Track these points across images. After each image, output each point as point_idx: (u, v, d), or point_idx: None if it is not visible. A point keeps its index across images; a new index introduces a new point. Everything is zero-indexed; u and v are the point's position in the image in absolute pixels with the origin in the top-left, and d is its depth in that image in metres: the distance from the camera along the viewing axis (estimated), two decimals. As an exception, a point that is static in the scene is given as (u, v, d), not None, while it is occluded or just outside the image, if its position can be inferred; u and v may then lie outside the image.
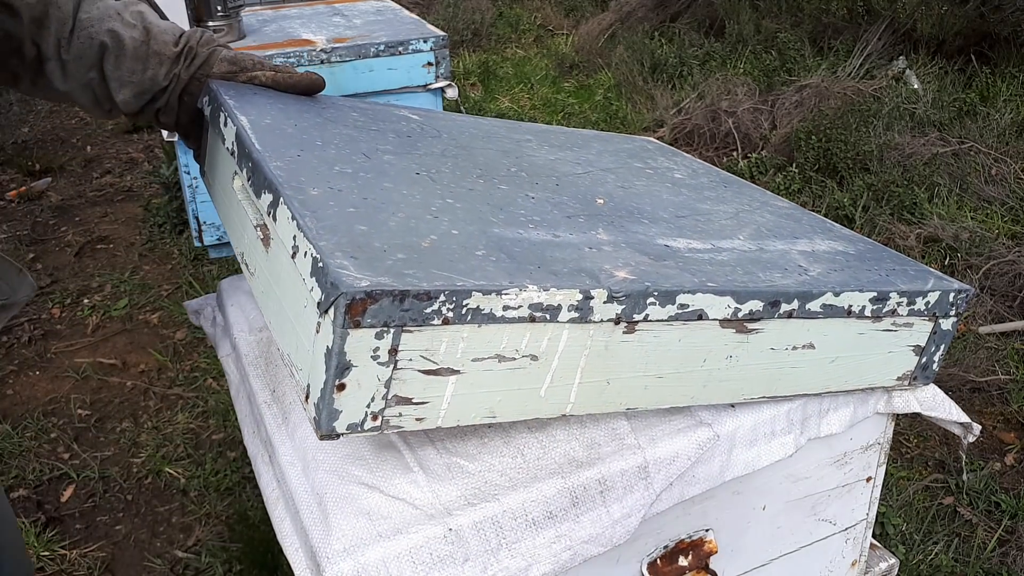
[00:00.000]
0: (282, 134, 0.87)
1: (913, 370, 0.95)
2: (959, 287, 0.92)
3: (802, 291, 0.81)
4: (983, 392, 2.22)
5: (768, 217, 1.04)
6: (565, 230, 0.82)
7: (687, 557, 0.92)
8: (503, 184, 0.91)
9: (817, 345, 0.87)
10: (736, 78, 4.04)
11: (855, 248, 0.99)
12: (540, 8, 5.91)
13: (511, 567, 0.75)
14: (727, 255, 0.86)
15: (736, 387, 0.85)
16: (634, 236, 0.85)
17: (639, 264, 0.78)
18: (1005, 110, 3.53)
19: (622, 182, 1.05)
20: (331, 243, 0.65)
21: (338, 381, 0.63)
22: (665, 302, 0.74)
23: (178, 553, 1.79)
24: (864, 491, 1.05)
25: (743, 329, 0.80)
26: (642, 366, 0.78)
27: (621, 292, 0.72)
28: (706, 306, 0.77)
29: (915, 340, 0.93)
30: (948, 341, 0.95)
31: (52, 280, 2.82)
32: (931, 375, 0.97)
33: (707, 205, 1.03)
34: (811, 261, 0.90)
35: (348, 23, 2.53)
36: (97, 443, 2.11)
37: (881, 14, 4.26)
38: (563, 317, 0.70)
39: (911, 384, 0.96)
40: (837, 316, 0.85)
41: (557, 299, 0.69)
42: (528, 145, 1.13)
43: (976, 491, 1.91)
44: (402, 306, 0.62)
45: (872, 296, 0.86)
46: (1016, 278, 2.58)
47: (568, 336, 0.72)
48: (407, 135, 1.01)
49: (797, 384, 0.89)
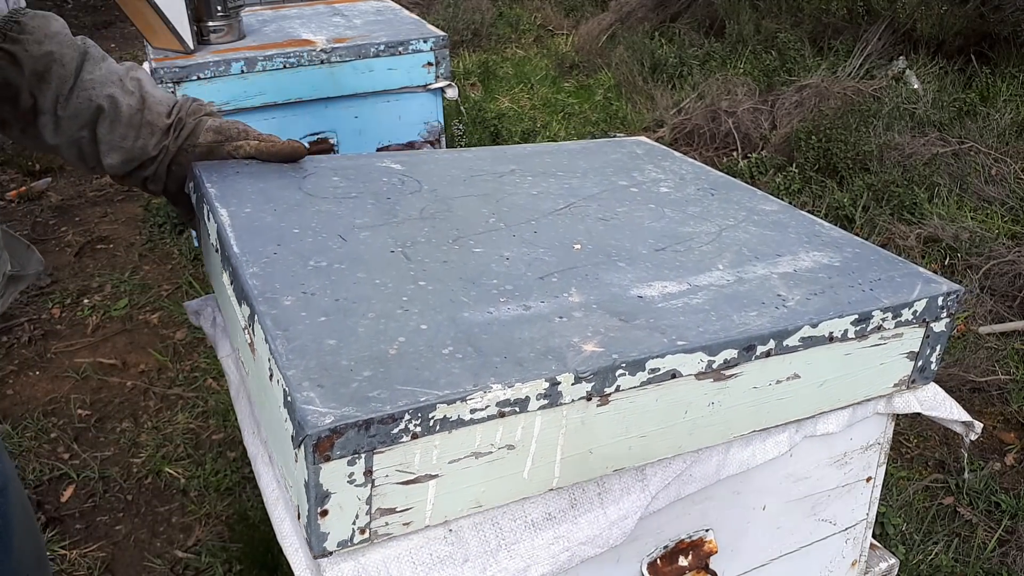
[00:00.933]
0: (261, 227, 0.91)
1: (910, 374, 0.95)
2: (948, 288, 0.91)
3: (777, 330, 0.81)
4: (983, 392, 2.22)
5: (752, 232, 1.03)
6: (537, 297, 0.82)
7: (687, 557, 0.92)
8: (479, 246, 0.92)
9: (803, 374, 0.86)
10: (736, 78, 4.04)
11: (841, 256, 0.98)
12: (540, 8, 5.91)
13: (510, 568, 0.75)
14: (702, 296, 0.85)
15: (723, 429, 0.85)
16: (607, 291, 0.85)
17: (608, 331, 0.78)
18: (1005, 110, 3.53)
19: (603, 212, 1.05)
20: (299, 371, 0.68)
21: (320, 508, 0.65)
22: (635, 370, 0.75)
23: (178, 553, 1.79)
24: (864, 491, 1.05)
25: (721, 377, 0.80)
26: (623, 431, 0.78)
27: (588, 371, 0.72)
28: (678, 365, 0.77)
29: (908, 347, 0.92)
30: (944, 341, 0.95)
31: (52, 280, 2.82)
32: (930, 375, 0.96)
33: (689, 227, 1.02)
34: (791, 286, 0.89)
35: (348, 23, 2.53)
36: (97, 443, 2.11)
37: (881, 14, 4.27)
38: (533, 406, 0.71)
39: (910, 387, 0.96)
40: (819, 345, 0.85)
41: (524, 392, 0.70)
42: (510, 179, 1.13)
43: (976, 491, 1.91)
44: (368, 433, 0.64)
45: (854, 319, 0.85)
46: (1016, 278, 2.58)
47: (541, 421, 0.72)
48: (387, 197, 1.03)
49: (786, 413, 0.88)
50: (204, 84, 2.12)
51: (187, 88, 2.11)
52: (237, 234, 0.88)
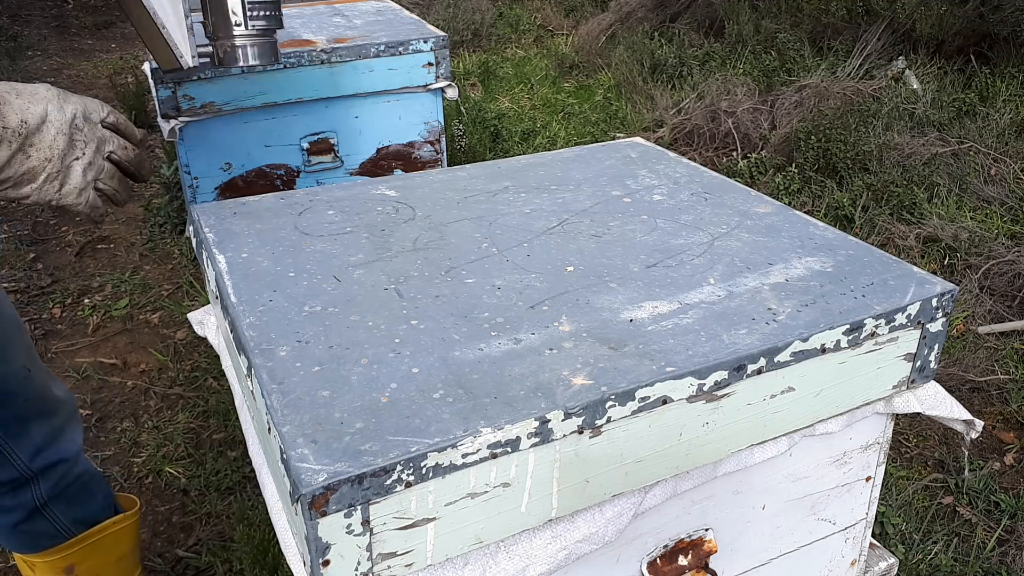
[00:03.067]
0: (257, 272, 0.96)
1: (909, 375, 0.95)
2: (942, 289, 0.91)
3: (767, 348, 0.82)
4: (982, 392, 2.22)
5: (745, 239, 1.04)
6: (528, 329, 0.84)
7: (687, 556, 0.92)
8: (471, 276, 0.95)
9: (797, 387, 0.87)
10: (736, 78, 4.04)
11: (834, 261, 0.98)
12: (540, 8, 5.91)
13: (509, 568, 0.75)
14: (692, 315, 0.87)
15: (720, 446, 0.85)
16: (597, 316, 0.87)
17: (598, 360, 0.79)
18: (1004, 110, 3.53)
19: (596, 227, 1.07)
20: (294, 427, 0.71)
21: (321, 559, 0.68)
22: (625, 400, 0.76)
23: (179, 552, 1.80)
24: (863, 490, 1.05)
25: (713, 398, 0.81)
26: (618, 458, 0.79)
27: (577, 406, 0.74)
28: (668, 392, 0.78)
29: (904, 350, 0.93)
30: (942, 339, 0.95)
31: (53, 280, 2.82)
32: (930, 374, 0.97)
33: (681, 239, 1.04)
34: (782, 298, 0.90)
35: (348, 23, 2.53)
36: (98, 443, 2.11)
37: (880, 14, 4.27)
38: (524, 445, 0.72)
39: (909, 387, 0.96)
40: (811, 357, 0.85)
41: (514, 432, 0.71)
42: (504, 197, 1.16)
43: (975, 491, 1.91)
44: (362, 486, 0.67)
45: (845, 328, 0.86)
46: (1015, 278, 2.59)
47: (535, 458, 0.74)
48: (381, 229, 1.07)
49: (784, 424, 0.89)
50: (205, 84, 2.13)
51: (188, 88, 2.12)
52: (235, 282, 0.93)
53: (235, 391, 1.03)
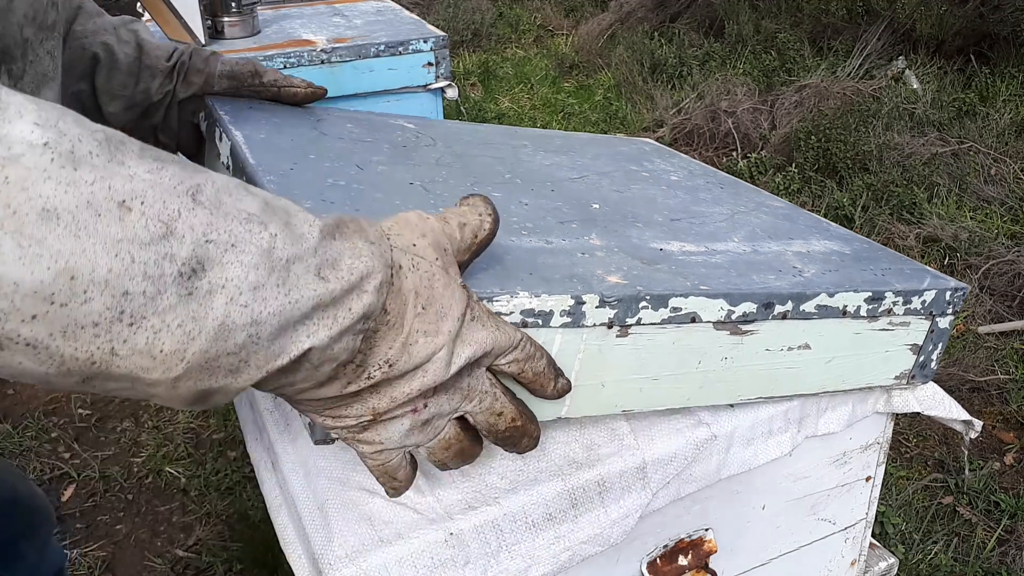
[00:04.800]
0: (276, 148, 0.87)
1: (911, 369, 0.95)
2: (955, 285, 0.92)
3: (796, 292, 0.82)
4: (982, 392, 2.23)
5: (764, 218, 1.04)
6: (558, 236, 0.82)
7: (687, 556, 0.92)
8: (496, 191, 0.92)
9: (813, 346, 0.87)
10: (736, 78, 4.04)
11: (851, 248, 0.99)
12: (540, 8, 5.91)
13: (511, 568, 0.75)
14: (721, 257, 0.86)
15: (733, 388, 0.85)
16: (628, 240, 0.86)
17: (631, 268, 0.78)
18: (1004, 110, 3.53)
19: (618, 186, 1.06)
20: None
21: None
22: (658, 305, 0.75)
23: (179, 552, 1.80)
24: (863, 490, 1.05)
25: (737, 331, 0.81)
26: (637, 369, 0.78)
27: (613, 297, 0.72)
28: (699, 309, 0.77)
29: (912, 339, 0.93)
30: (945, 339, 0.96)
31: (52, 280, 2.82)
32: (930, 374, 0.97)
33: (702, 207, 1.04)
34: (806, 262, 0.91)
35: (348, 23, 2.54)
36: (98, 443, 2.11)
37: (880, 14, 4.27)
38: (555, 322, 0.70)
39: (909, 383, 0.97)
40: (832, 317, 0.86)
41: (549, 304, 0.69)
42: (524, 151, 1.13)
43: (975, 490, 1.91)
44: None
45: (867, 296, 0.86)
46: (1015, 278, 2.59)
47: (561, 340, 0.72)
48: (402, 145, 1.02)
49: (795, 384, 0.89)
50: (204, 84, 2.13)
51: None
52: (253, 150, 0.84)
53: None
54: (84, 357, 0.38)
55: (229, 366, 0.42)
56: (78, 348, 0.38)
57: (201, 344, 0.41)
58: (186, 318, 0.40)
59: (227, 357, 0.42)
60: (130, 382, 0.41)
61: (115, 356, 0.39)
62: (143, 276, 0.38)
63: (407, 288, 0.50)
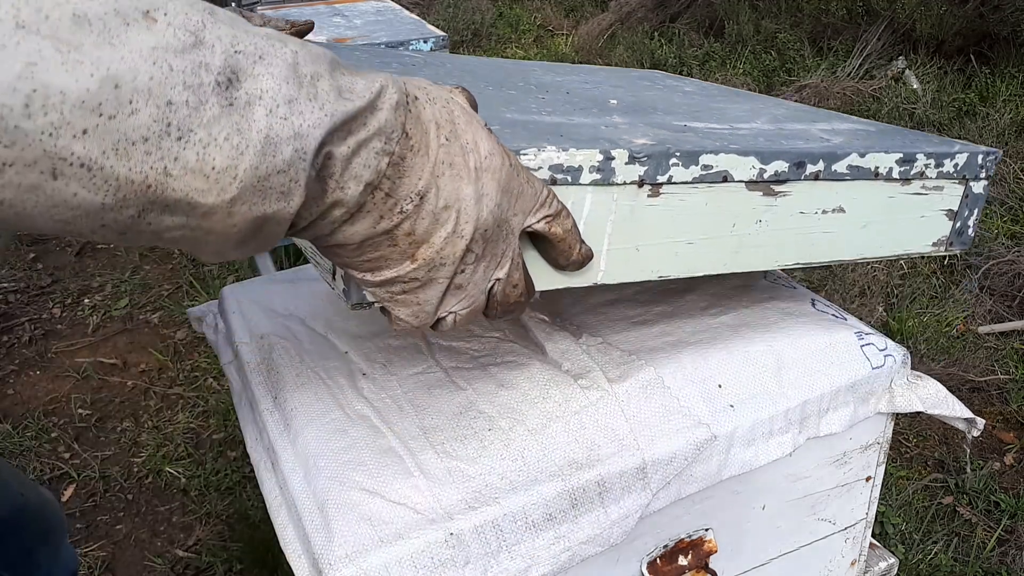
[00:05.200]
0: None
1: (948, 235, 0.94)
2: (986, 150, 0.92)
3: (827, 152, 0.81)
4: (982, 392, 2.23)
5: (785, 111, 1.05)
6: (580, 116, 0.81)
7: (687, 556, 0.92)
8: (512, 90, 0.91)
9: (847, 209, 0.86)
10: (736, 78, 4.04)
11: (876, 127, 1.00)
12: (540, 8, 5.91)
13: (511, 568, 0.75)
14: (746, 131, 0.86)
15: (769, 253, 0.83)
16: (651, 119, 0.85)
17: (658, 134, 0.77)
18: (1004, 110, 3.53)
19: (632, 93, 1.06)
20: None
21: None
22: (688, 163, 0.73)
23: (178, 552, 1.80)
24: (864, 490, 1.05)
25: (770, 192, 0.79)
26: (671, 232, 0.76)
27: (642, 153, 0.70)
28: (730, 167, 0.76)
29: (947, 204, 0.93)
30: (981, 204, 0.95)
31: (52, 280, 2.82)
32: (967, 240, 0.96)
33: (721, 104, 1.04)
34: (833, 135, 0.90)
35: (348, 23, 2.53)
36: (98, 443, 2.11)
37: (880, 14, 4.27)
38: (585, 179, 0.68)
39: (948, 250, 0.96)
40: (865, 178, 0.85)
41: (577, 159, 0.67)
42: (534, 72, 1.14)
43: (975, 490, 1.91)
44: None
45: (899, 158, 0.85)
46: (1015, 278, 2.59)
47: (592, 199, 0.70)
48: (411, 64, 1.02)
49: (831, 251, 0.87)
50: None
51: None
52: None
53: (233, 386, 1.03)
54: (139, 179, 0.38)
55: (281, 187, 0.42)
56: (132, 168, 0.38)
57: (251, 159, 0.40)
58: (231, 131, 0.40)
59: (277, 176, 0.42)
60: (185, 214, 0.40)
61: (169, 176, 0.39)
62: (183, 85, 0.38)
63: (426, 117, 0.49)
